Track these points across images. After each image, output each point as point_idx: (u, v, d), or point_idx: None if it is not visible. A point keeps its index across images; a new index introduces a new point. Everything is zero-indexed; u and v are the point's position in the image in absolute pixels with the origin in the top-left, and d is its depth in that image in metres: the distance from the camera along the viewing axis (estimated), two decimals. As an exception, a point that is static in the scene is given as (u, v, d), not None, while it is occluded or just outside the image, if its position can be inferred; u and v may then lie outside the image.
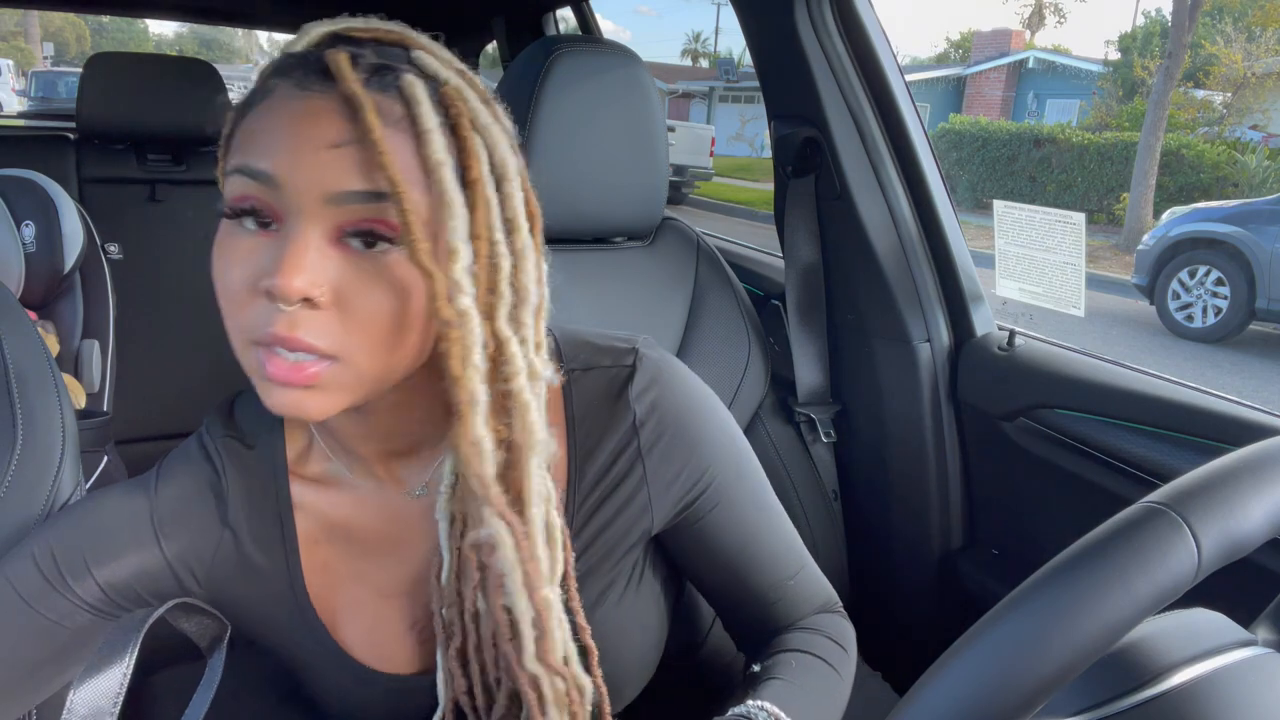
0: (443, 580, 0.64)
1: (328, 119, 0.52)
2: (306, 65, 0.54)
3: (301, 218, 0.51)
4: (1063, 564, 0.41)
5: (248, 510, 0.65)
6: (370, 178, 0.51)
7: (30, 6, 4.57)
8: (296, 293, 0.50)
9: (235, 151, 0.55)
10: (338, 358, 0.53)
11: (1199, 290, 6.86)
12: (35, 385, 0.66)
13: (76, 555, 0.61)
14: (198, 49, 37.22)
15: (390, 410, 0.59)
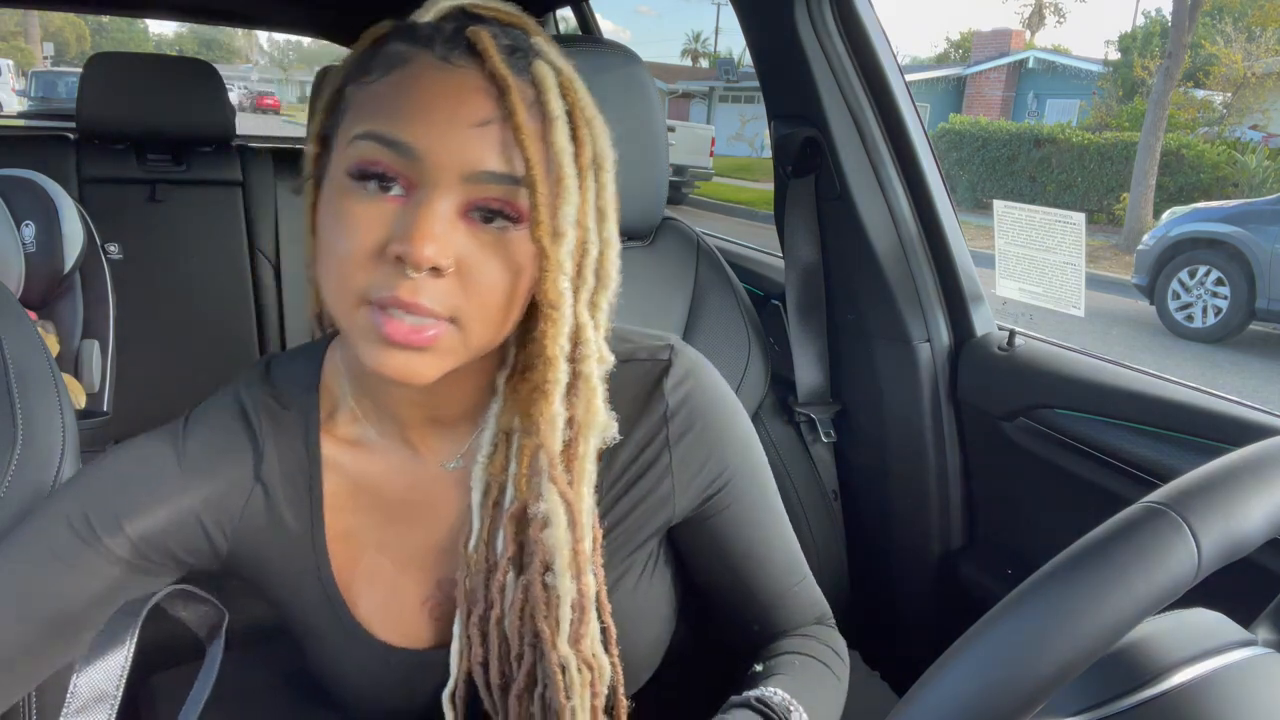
0: (470, 548, 0.65)
1: (474, 97, 0.54)
2: (447, 38, 0.55)
3: (437, 190, 0.53)
4: (1063, 564, 0.41)
5: (280, 468, 0.66)
6: (507, 159, 0.54)
7: (30, 6, 4.58)
8: (428, 261, 0.51)
9: (362, 115, 0.55)
10: (456, 322, 0.55)
11: (1199, 290, 6.86)
12: (35, 385, 0.66)
13: (107, 510, 0.61)
14: (198, 49, 37.22)
15: (449, 380, 0.59)
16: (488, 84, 0.54)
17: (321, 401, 0.68)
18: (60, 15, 34.93)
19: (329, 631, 0.68)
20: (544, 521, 0.61)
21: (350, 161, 0.54)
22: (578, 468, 0.61)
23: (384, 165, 0.53)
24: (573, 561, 0.61)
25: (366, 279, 0.53)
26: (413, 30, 0.57)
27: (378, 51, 0.57)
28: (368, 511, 0.68)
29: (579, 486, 0.61)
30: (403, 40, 0.56)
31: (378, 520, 0.68)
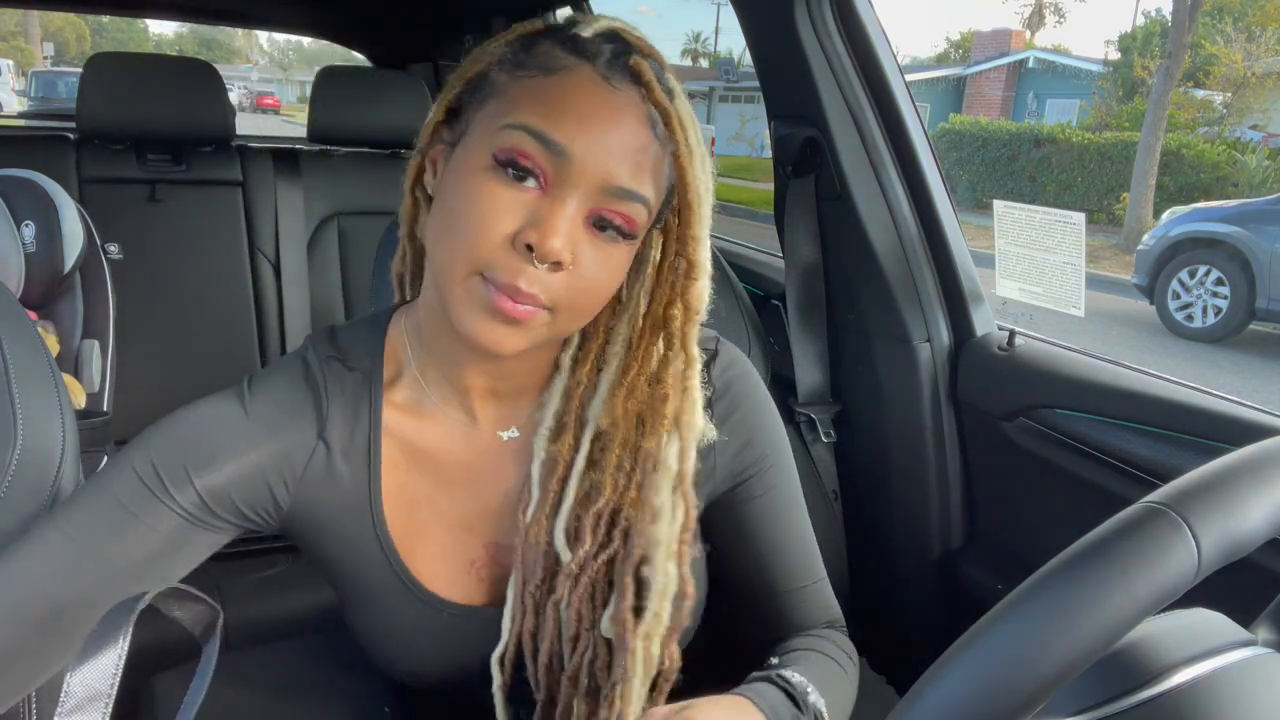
0: (528, 517, 0.68)
1: (635, 123, 0.59)
2: (609, 59, 0.60)
3: (577, 193, 0.58)
4: (1063, 564, 0.41)
5: (342, 428, 0.68)
6: (641, 181, 0.59)
7: (30, 6, 4.58)
8: (556, 254, 0.56)
9: (519, 106, 0.59)
10: (552, 310, 0.59)
11: (1199, 290, 6.86)
12: (35, 385, 0.66)
13: (177, 463, 0.63)
14: (198, 49, 37.22)
15: (521, 354, 0.62)
16: (648, 112, 0.60)
17: (386, 366, 0.71)
18: (60, 15, 34.91)
19: (382, 585, 0.70)
20: (654, 516, 0.66)
21: (499, 146, 0.58)
22: (685, 468, 0.67)
23: (533, 158, 0.57)
24: (674, 555, 0.66)
25: (490, 257, 0.57)
26: (573, 40, 0.61)
27: (532, 49, 0.61)
28: (423, 473, 0.71)
29: (688, 485, 0.67)
30: (562, 47, 0.61)
31: (432, 483, 0.71)
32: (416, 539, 0.71)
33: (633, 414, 0.67)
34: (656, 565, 0.66)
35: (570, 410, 0.69)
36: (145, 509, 0.62)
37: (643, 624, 0.66)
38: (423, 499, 0.71)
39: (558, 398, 0.69)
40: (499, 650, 0.70)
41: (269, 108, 32.14)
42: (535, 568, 0.68)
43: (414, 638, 0.71)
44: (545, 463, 0.69)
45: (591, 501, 0.67)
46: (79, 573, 0.61)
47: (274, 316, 2.07)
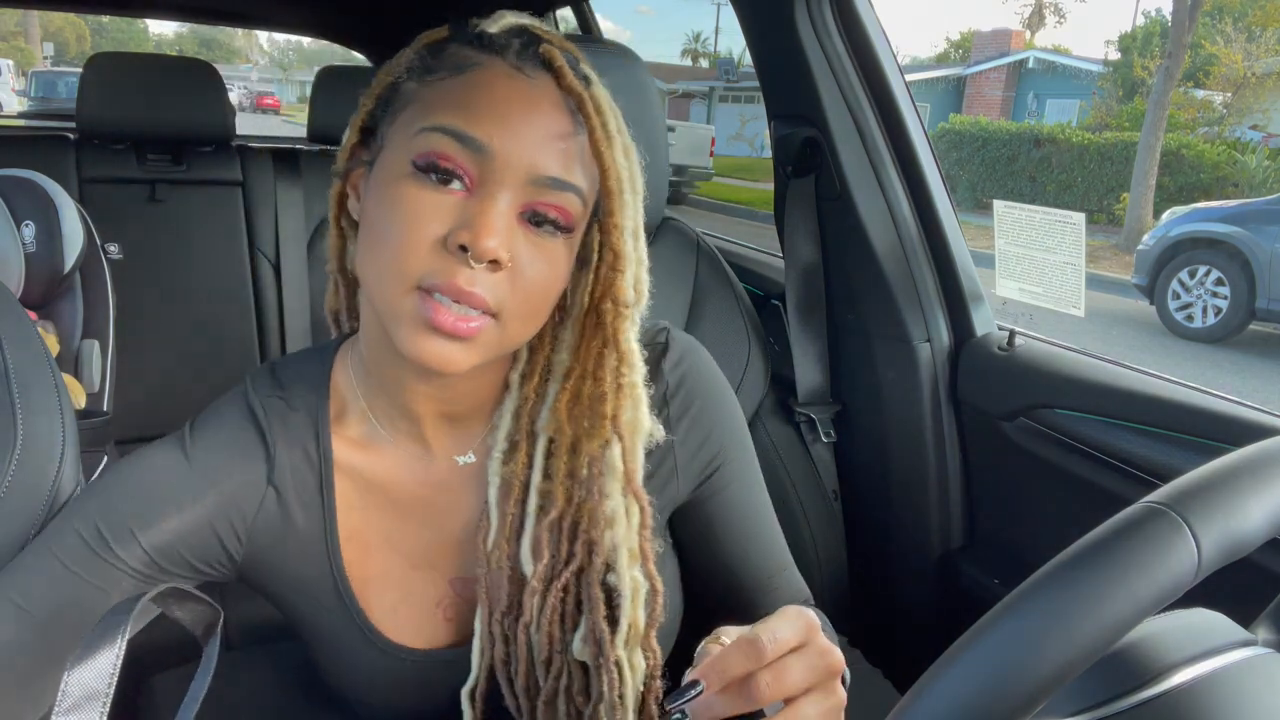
0: (489, 545, 0.66)
1: (552, 110, 0.58)
2: (519, 50, 0.59)
3: (503, 188, 0.56)
4: (1063, 564, 0.41)
5: (291, 470, 0.66)
6: (569, 169, 0.58)
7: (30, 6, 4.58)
8: (491, 253, 0.54)
9: (432, 110, 0.57)
10: (497, 317, 0.57)
11: (1199, 290, 6.86)
12: (35, 385, 0.66)
13: (120, 521, 0.61)
14: (198, 49, 37.22)
15: (471, 374, 0.61)
16: (562, 99, 0.58)
17: (331, 401, 0.68)
18: (60, 15, 34.91)
19: (343, 634, 0.68)
20: (608, 522, 0.64)
21: (417, 152, 0.56)
22: (632, 468, 0.64)
23: (453, 159, 0.56)
24: (636, 557, 0.64)
25: (424, 266, 0.55)
26: (480, 37, 0.60)
27: (440, 52, 0.60)
28: (379, 510, 0.68)
29: (637, 485, 0.65)
30: (470, 45, 0.59)
31: (389, 519, 0.68)
32: (378, 584, 0.68)
33: (579, 419, 0.65)
34: (621, 571, 0.64)
35: (521, 428, 0.67)
36: (95, 572, 0.60)
37: (619, 634, 0.64)
38: (381, 539, 0.68)
39: (508, 418, 0.67)
40: (469, 685, 0.68)
41: (269, 108, 32.14)
42: (500, 594, 0.66)
43: (377, 686, 0.69)
44: (501, 486, 0.66)
45: (546, 513, 0.65)
46: (44, 639, 0.59)
47: (274, 316, 2.07)
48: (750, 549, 0.76)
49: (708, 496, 0.74)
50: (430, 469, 0.69)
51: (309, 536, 0.67)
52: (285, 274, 2.06)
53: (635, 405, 0.64)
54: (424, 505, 0.69)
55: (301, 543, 0.66)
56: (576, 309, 0.66)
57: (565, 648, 0.65)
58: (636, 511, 0.65)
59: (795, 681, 0.49)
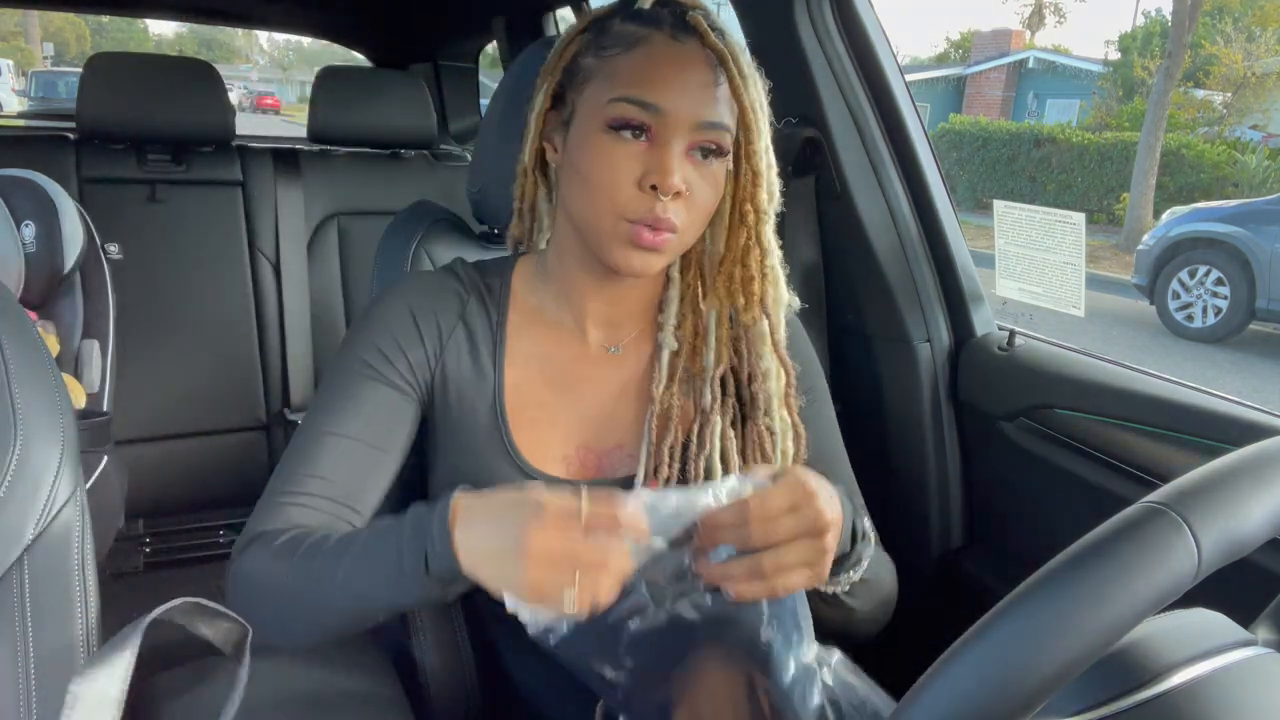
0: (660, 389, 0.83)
1: (700, 65, 0.73)
2: (673, 21, 0.74)
3: (676, 136, 0.72)
4: (1063, 564, 0.41)
5: (478, 316, 0.85)
6: (721, 111, 0.74)
7: (30, 6, 4.58)
8: (675, 188, 0.71)
9: (617, 83, 0.73)
10: (679, 232, 0.74)
11: (1199, 290, 6.86)
12: (35, 385, 0.66)
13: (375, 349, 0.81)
14: (198, 49, 37.19)
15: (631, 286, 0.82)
16: (707, 55, 0.73)
17: (514, 285, 0.87)
18: (60, 15, 34.86)
19: (492, 457, 0.82)
20: (764, 376, 0.83)
21: (610, 116, 0.73)
22: (777, 336, 0.83)
23: (638, 119, 0.72)
24: (786, 405, 0.83)
25: (625, 201, 0.73)
26: (640, 14, 0.75)
27: (608, 30, 0.76)
28: (534, 373, 0.84)
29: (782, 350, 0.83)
30: (634, 22, 0.75)
31: (541, 383, 0.84)
32: (523, 427, 0.83)
33: (735, 295, 0.81)
34: (774, 414, 0.82)
35: (686, 307, 0.85)
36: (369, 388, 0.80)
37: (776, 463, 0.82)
38: (532, 397, 0.83)
39: (675, 301, 0.85)
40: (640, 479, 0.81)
41: (269, 108, 32.11)
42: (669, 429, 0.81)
43: None
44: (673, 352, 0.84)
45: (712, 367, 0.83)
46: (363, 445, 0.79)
47: (274, 316, 2.07)
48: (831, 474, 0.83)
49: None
50: (584, 352, 0.85)
51: (482, 371, 0.83)
52: (285, 274, 2.06)
53: (775, 284, 0.81)
54: (571, 378, 0.85)
55: (478, 374, 0.83)
56: (726, 213, 0.80)
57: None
58: (782, 372, 0.83)
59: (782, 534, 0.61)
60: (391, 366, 0.81)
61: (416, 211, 1.20)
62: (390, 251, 1.16)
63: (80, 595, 0.66)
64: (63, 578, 0.65)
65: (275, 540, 0.73)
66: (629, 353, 0.86)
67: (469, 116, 2.79)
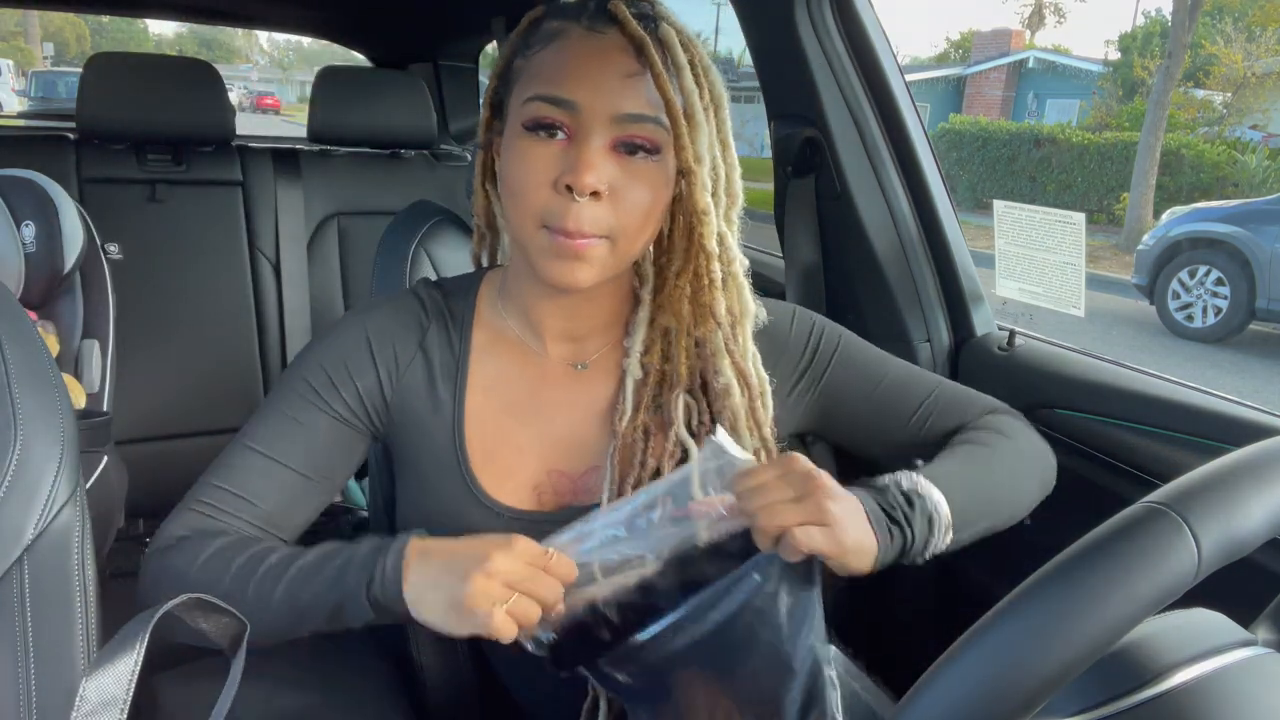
0: (623, 424, 0.78)
1: (619, 55, 0.68)
2: (592, 12, 0.70)
3: (593, 133, 0.68)
4: (1063, 564, 0.41)
5: (438, 344, 0.81)
6: (646, 103, 0.69)
7: (30, 6, 4.58)
8: (589, 187, 0.67)
9: (532, 82, 0.70)
10: (609, 238, 0.70)
11: (1199, 290, 6.85)
12: (35, 385, 0.66)
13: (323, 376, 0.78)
14: (198, 49, 37.18)
15: (592, 296, 0.76)
16: (628, 44, 0.69)
17: (478, 306, 0.83)
18: (60, 15, 34.85)
19: (454, 492, 0.79)
20: (725, 393, 0.77)
21: (525, 118, 0.69)
22: (743, 347, 0.78)
23: (552, 118, 0.68)
24: (751, 421, 0.78)
25: (543, 205, 0.68)
26: (563, 9, 0.71)
27: (536, 29, 0.72)
28: (500, 400, 0.81)
29: (747, 362, 0.78)
30: (555, 17, 0.71)
31: (505, 407, 0.81)
32: (488, 458, 0.79)
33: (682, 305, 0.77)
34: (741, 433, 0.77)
35: (654, 332, 0.80)
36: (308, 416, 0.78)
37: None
38: (496, 425, 0.80)
39: (643, 326, 0.80)
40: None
41: (269, 108, 32.10)
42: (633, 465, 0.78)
43: None
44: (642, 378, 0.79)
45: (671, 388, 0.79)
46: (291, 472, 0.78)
47: (274, 316, 2.07)
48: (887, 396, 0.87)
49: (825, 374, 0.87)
50: (548, 373, 0.82)
51: (442, 402, 0.80)
52: (285, 274, 2.06)
53: (733, 291, 0.76)
54: (537, 400, 0.81)
55: (435, 405, 0.80)
56: (678, 220, 0.76)
57: None
58: (744, 387, 0.78)
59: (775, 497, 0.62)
60: (338, 395, 0.78)
61: (416, 211, 1.20)
62: (390, 251, 1.16)
63: (80, 595, 0.66)
64: (63, 578, 0.65)
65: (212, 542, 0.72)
66: (596, 370, 0.82)
67: (469, 116, 2.79)
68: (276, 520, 0.77)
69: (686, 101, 0.70)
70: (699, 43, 0.73)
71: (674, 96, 0.68)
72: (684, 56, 0.70)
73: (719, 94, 0.73)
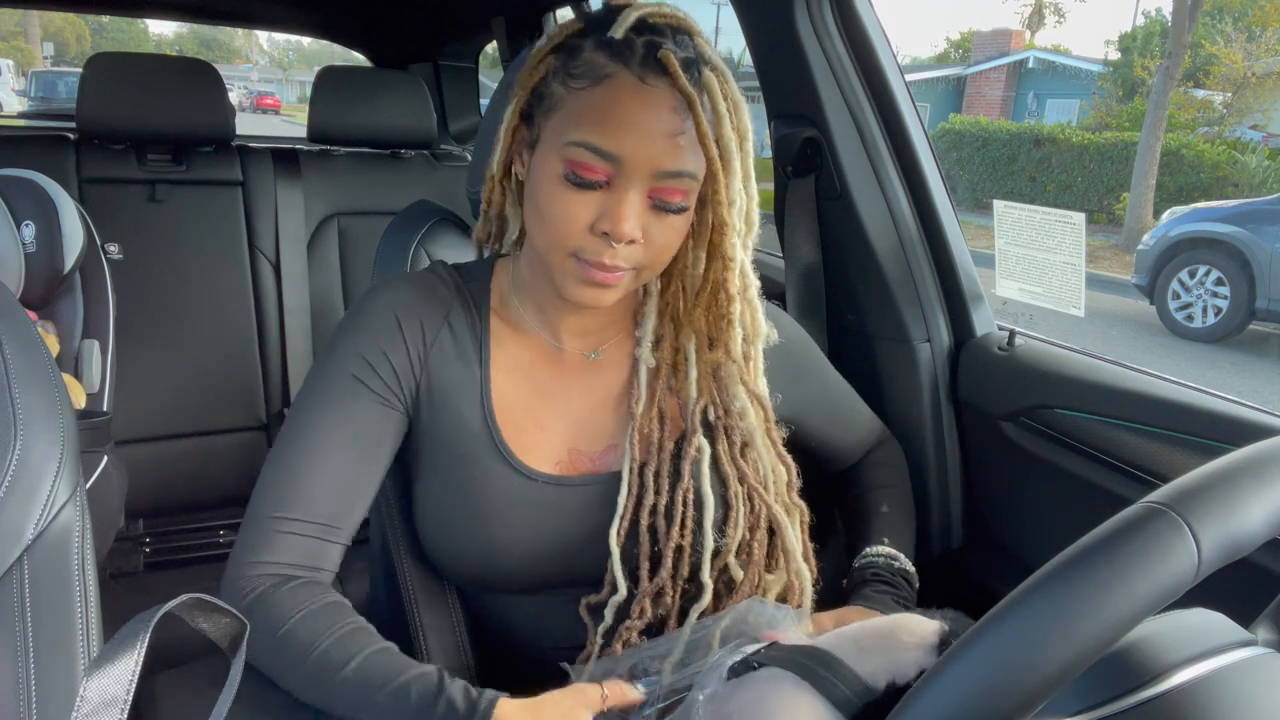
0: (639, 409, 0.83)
1: (667, 112, 0.70)
2: (642, 59, 0.70)
3: (634, 184, 0.70)
4: (1063, 564, 0.41)
5: (462, 319, 0.83)
6: (684, 160, 0.71)
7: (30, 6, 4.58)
8: (627, 236, 0.71)
9: (578, 123, 0.71)
10: (637, 269, 0.74)
11: (1199, 290, 6.85)
12: (35, 385, 0.66)
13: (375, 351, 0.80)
14: (198, 49, 37.16)
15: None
16: (677, 101, 0.70)
17: (492, 290, 0.86)
18: (60, 15, 34.83)
19: (485, 458, 0.81)
20: (740, 413, 0.83)
21: (568, 159, 0.71)
22: (755, 368, 0.84)
23: (594, 168, 0.70)
24: (768, 438, 0.84)
25: (578, 243, 0.72)
26: (610, 44, 0.71)
27: (578, 55, 0.72)
28: (519, 377, 0.84)
29: (758, 383, 0.84)
30: (604, 52, 0.71)
31: (526, 387, 0.84)
32: (515, 430, 0.82)
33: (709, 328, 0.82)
34: (758, 448, 0.84)
35: (664, 324, 0.85)
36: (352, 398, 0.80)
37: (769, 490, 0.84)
38: (518, 401, 0.83)
39: (653, 317, 0.85)
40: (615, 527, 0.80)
41: (269, 108, 32.09)
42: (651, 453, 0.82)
43: (507, 508, 0.81)
44: (651, 369, 0.84)
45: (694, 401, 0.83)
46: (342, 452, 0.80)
47: (274, 316, 2.07)
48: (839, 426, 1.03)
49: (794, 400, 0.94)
50: (564, 359, 0.85)
51: (469, 374, 0.82)
52: (285, 274, 2.06)
53: (750, 323, 0.81)
54: (555, 384, 0.85)
55: (463, 379, 0.82)
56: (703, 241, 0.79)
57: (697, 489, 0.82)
58: (759, 408, 0.83)
59: None
60: (377, 377, 0.80)
61: (416, 211, 1.20)
62: (390, 251, 1.16)
63: (80, 595, 0.66)
64: (63, 578, 0.65)
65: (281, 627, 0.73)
66: (609, 358, 0.86)
67: (469, 116, 2.79)
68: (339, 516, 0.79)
69: (723, 150, 0.73)
70: (732, 80, 0.74)
71: (714, 153, 0.72)
72: (725, 105, 0.72)
73: (745, 127, 0.75)
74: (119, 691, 0.50)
